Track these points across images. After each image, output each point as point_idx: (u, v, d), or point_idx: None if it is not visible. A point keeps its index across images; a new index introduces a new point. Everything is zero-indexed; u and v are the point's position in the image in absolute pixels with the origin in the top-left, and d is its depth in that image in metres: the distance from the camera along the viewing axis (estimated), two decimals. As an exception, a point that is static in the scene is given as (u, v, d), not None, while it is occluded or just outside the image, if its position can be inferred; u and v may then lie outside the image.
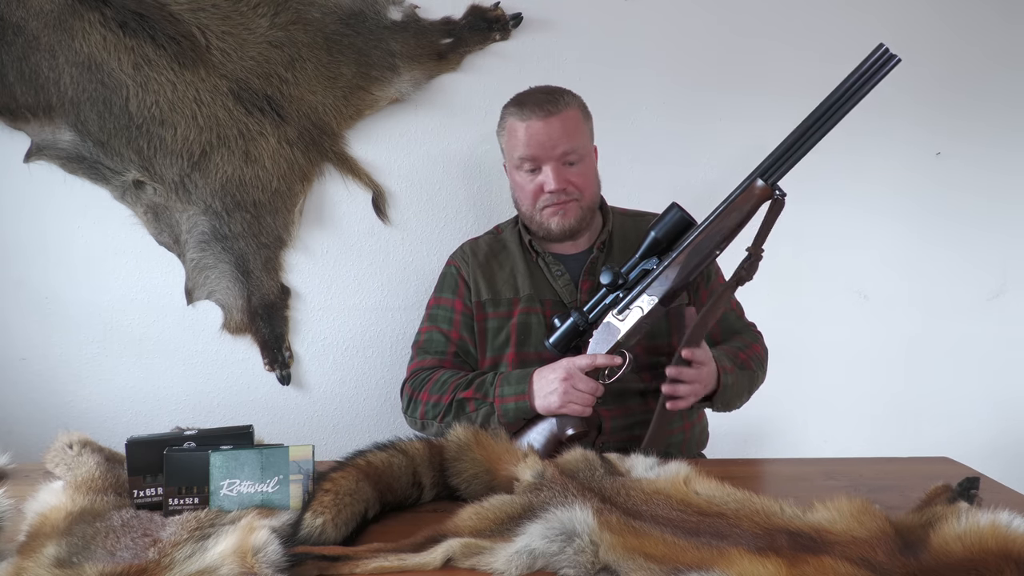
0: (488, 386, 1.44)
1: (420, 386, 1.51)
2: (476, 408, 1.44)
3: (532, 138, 1.48)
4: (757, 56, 1.92)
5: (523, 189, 1.53)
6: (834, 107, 1.26)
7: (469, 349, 1.56)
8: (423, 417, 1.50)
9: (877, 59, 1.23)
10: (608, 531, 0.92)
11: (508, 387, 1.42)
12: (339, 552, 0.93)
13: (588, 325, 1.40)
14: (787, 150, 1.29)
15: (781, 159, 1.30)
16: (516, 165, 1.52)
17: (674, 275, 1.35)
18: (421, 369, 1.55)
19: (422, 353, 1.57)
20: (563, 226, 1.52)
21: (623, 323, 1.37)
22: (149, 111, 1.73)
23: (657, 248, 1.38)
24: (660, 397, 1.37)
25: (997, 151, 2.00)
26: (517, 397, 1.40)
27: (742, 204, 1.32)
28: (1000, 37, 1.98)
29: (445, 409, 1.46)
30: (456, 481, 1.15)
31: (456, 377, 1.49)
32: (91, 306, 1.84)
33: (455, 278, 1.60)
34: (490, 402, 1.42)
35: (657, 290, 1.35)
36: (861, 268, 2.01)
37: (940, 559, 0.86)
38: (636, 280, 1.39)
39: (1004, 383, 2.07)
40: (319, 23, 1.78)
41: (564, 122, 1.48)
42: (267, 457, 1.06)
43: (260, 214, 1.82)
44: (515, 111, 1.51)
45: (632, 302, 1.37)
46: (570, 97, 1.52)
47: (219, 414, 1.88)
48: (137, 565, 0.89)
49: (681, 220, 1.36)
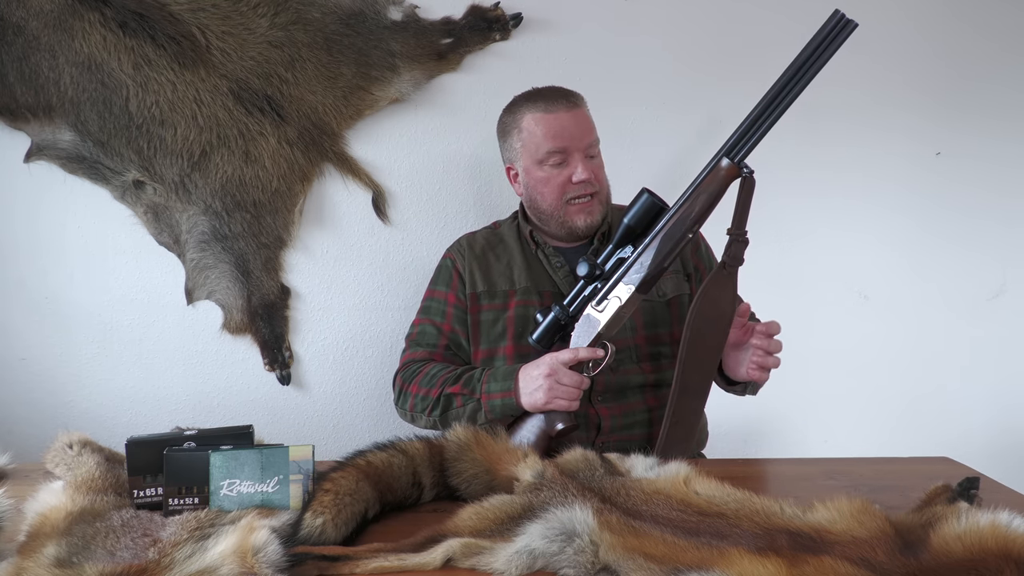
0: (476, 382, 1.44)
1: (410, 378, 1.52)
2: (463, 404, 1.44)
3: (563, 129, 1.48)
4: (757, 55, 1.91)
5: (548, 183, 1.51)
6: (795, 79, 1.25)
7: (461, 342, 1.57)
8: (412, 410, 1.51)
9: (834, 26, 1.23)
10: (608, 531, 0.92)
11: (495, 383, 1.42)
12: (339, 552, 0.93)
13: (569, 318, 1.40)
14: (751, 126, 1.29)
15: (745, 136, 1.29)
16: (540, 160, 1.51)
17: (649, 261, 1.34)
18: (412, 361, 1.56)
19: (414, 345, 1.58)
20: (589, 223, 1.52)
21: (602, 314, 1.37)
22: (149, 111, 1.73)
23: (631, 236, 1.38)
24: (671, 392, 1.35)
25: (997, 151, 2.00)
26: (503, 394, 1.40)
27: (709, 184, 1.32)
28: (1000, 36, 1.98)
29: (433, 403, 1.46)
30: (456, 481, 1.15)
31: (446, 371, 1.49)
32: (91, 306, 1.84)
33: (449, 271, 1.61)
34: (477, 398, 1.42)
35: (634, 278, 1.35)
36: (861, 268, 2.01)
37: (940, 559, 0.86)
38: (612, 270, 1.38)
39: (1004, 383, 2.07)
40: (319, 23, 1.78)
41: (586, 115, 1.53)
42: (267, 457, 1.06)
43: (260, 214, 1.82)
44: (534, 106, 1.51)
45: (610, 292, 1.37)
46: (580, 95, 1.56)
47: (219, 414, 1.88)
48: (137, 565, 0.89)
49: (652, 205, 1.36)
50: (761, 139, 1.29)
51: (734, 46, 1.91)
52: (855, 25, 1.22)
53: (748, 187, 1.31)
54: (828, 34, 1.23)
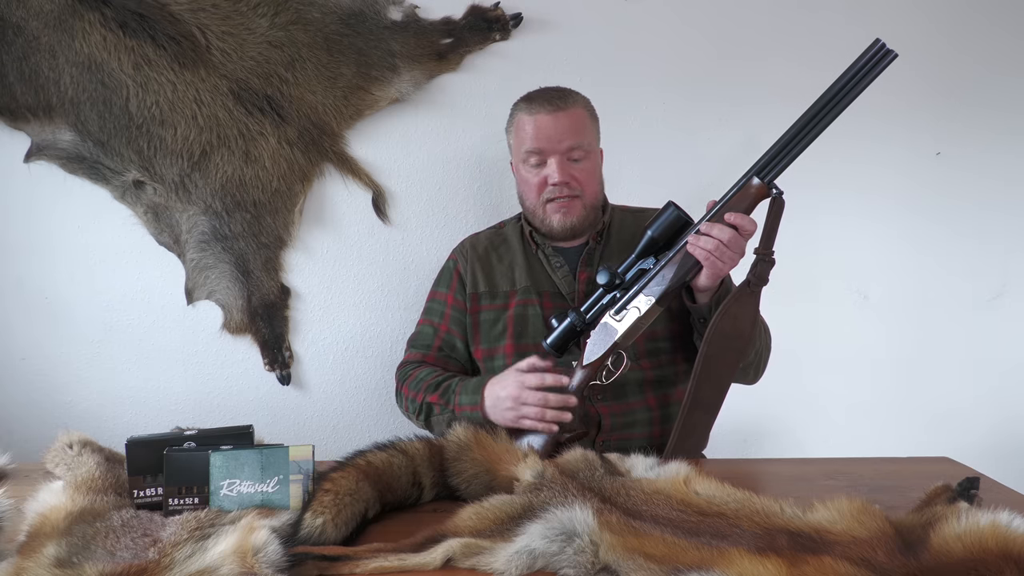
0: (451, 392, 1.47)
1: (403, 380, 1.57)
2: (441, 412, 1.48)
3: (539, 131, 1.50)
4: (757, 56, 1.92)
5: (527, 183, 1.55)
6: (831, 103, 1.25)
7: (456, 343, 1.59)
8: (406, 411, 1.57)
9: (874, 55, 1.22)
10: (608, 531, 0.92)
11: (465, 396, 1.44)
12: (339, 552, 0.93)
13: (585, 325, 1.40)
14: (783, 147, 1.29)
15: (777, 156, 1.29)
16: (522, 159, 1.54)
17: (671, 275, 1.34)
18: (407, 363, 1.61)
19: (411, 346, 1.64)
20: (565, 224, 1.53)
21: (620, 324, 1.37)
22: (149, 111, 1.73)
23: (654, 247, 1.38)
24: (683, 404, 1.36)
25: (998, 151, 2.00)
26: (472, 407, 1.42)
27: (738, 203, 1.31)
28: (1002, 35, 1.97)
29: (419, 408, 1.51)
30: (456, 481, 1.15)
31: (432, 376, 1.52)
32: (91, 306, 1.84)
33: (451, 272, 1.63)
34: (451, 408, 1.45)
35: (654, 290, 1.35)
36: (862, 268, 2.01)
37: (940, 559, 0.86)
38: (633, 280, 1.38)
39: (1004, 383, 2.07)
40: (319, 23, 1.78)
41: (571, 118, 1.51)
42: (267, 457, 1.06)
43: (260, 214, 1.82)
44: (524, 106, 1.55)
45: (629, 302, 1.36)
46: (579, 97, 1.55)
47: (219, 414, 1.88)
48: (137, 565, 0.89)
49: (678, 219, 1.35)
50: (792, 161, 1.29)
51: (734, 47, 1.91)
52: (895, 55, 1.21)
53: (778, 207, 1.31)
54: (868, 62, 1.23)
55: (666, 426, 1.51)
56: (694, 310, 1.41)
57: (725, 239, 1.29)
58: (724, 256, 1.30)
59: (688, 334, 1.51)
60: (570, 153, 1.51)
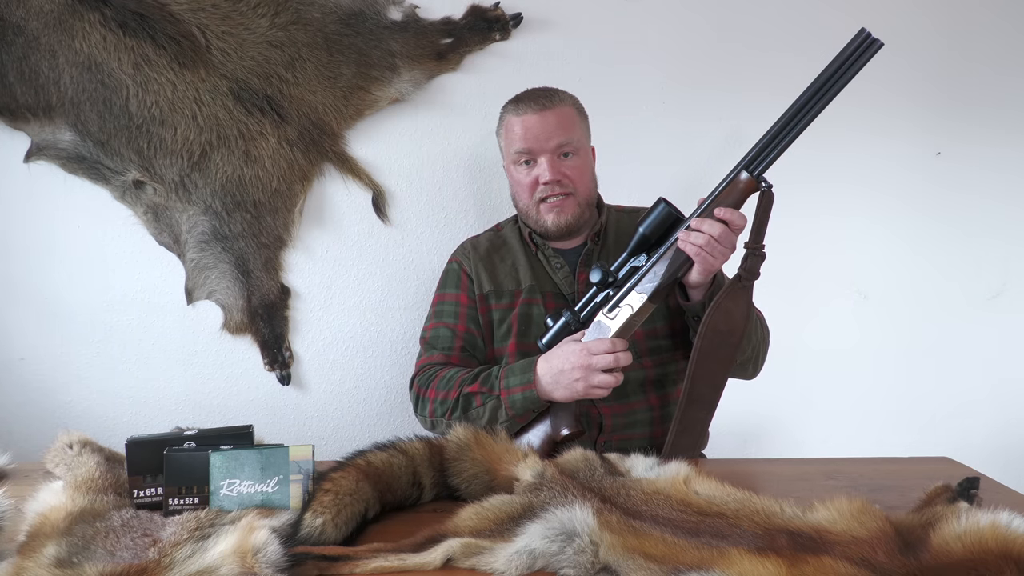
0: (494, 379, 1.42)
1: (427, 383, 1.50)
2: (483, 402, 1.42)
3: (527, 131, 1.50)
4: (757, 56, 1.92)
5: (520, 184, 1.54)
6: (818, 95, 1.25)
7: (476, 342, 1.56)
8: (432, 415, 1.48)
9: (860, 44, 1.23)
10: (608, 531, 0.92)
11: (513, 377, 1.40)
12: (339, 552, 0.93)
13: (580, 324, 1.40)
14: (771, 140, 1.29)
15: (765, 150, 1.29)
16: (513, 160, 1.54)
17: (662, 271, 1.34)
18: (428, 365, 1.54)
19: (429, 348, 1.57)
20: (559, 223, 1.52)
21: (613, 321, 1.36)
22: (149, 111, 1.73)
23: (646, 244, 1.38)
24: (679, 401, 1.36)
25: (997, 151, 2.00)
26: (524, 387, 1.38)
27: (727, 198, 1.31)
28: (1001, 34, 1.97)
29: (452, 405, 1.44)
30: (456, 481, 1.15)
31: (462, 372, 1.48)
32: (91, 306, 1.84)
33: (457, 273, 1.61)
34: (496, 395, 1.40)
35: (646, 287, 1.35)
36: (861, 267, 2.01)
37: (940, 559, 0.86)
38: (625, 277, 1.38)
39: (1004, 382, 2.07)
40: (319, 23, 1.78)
41: (558, 116, 1.51)
42: (267, 457, 1.06)
43: (260, 214, 1.82)
44: (512, 108, 1.55)
45: (622, 300, 1.36)
46: (565, 95, 1.55)
47: (219, 414, 1.88)
48: (137, 565, 0.89)
49: (668, 215, 1.35)
50: (781, 154, 1.29)
51: (734, 47, 1.91)
52: (880, 44, 1.21)
53: (767, 201, 1.30)
54: (853, 52, 1.23)
55: (667, 426, 1.51)
56: (688, 308, 1.41)
57: (715, 234, 1.29)
58: (715, 251, 1.30)
59: (688, 331, 1.51)
60: (559, 150, 1.50)
